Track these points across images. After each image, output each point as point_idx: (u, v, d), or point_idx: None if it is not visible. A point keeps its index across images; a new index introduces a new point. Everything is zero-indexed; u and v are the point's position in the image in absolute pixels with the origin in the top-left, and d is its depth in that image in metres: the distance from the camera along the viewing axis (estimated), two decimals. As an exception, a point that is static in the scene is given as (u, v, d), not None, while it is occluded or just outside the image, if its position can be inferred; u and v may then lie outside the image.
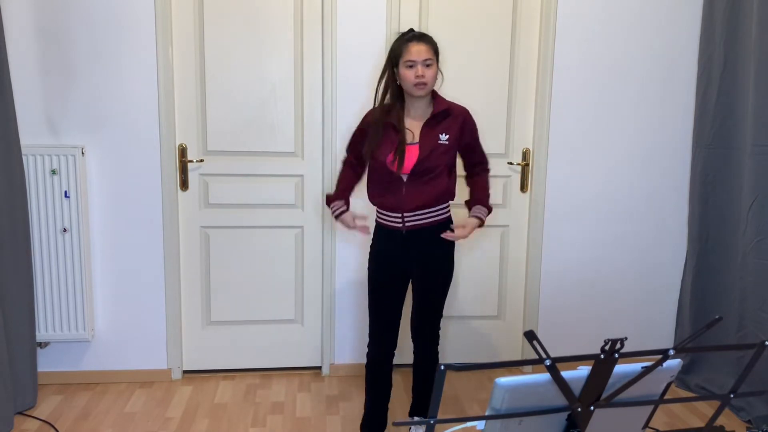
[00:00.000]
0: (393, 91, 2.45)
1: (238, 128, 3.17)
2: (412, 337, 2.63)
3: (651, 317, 3.49)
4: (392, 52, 2.42)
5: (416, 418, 2.73)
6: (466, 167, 2.63)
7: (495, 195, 3.35)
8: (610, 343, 1.19)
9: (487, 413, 1.23)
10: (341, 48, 3.12)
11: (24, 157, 2.90)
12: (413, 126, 2.44)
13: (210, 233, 3.25)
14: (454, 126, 2.44)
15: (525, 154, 3.33)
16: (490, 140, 3.31)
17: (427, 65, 2.36)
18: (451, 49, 3.22)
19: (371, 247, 2.58)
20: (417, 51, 2.35)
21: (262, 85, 3.16)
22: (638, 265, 3.44)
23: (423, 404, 2.70)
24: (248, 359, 3.36)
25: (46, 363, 3.17)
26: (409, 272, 2.54)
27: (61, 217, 3.00)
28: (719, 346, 2.40)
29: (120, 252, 3.15)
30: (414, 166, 2.40)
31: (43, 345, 3.14)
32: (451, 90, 3.24)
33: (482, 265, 3.40)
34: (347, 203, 2.58)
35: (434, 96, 2.47)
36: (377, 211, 2.53)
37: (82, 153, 3.01)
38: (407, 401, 3.09)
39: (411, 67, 2.35)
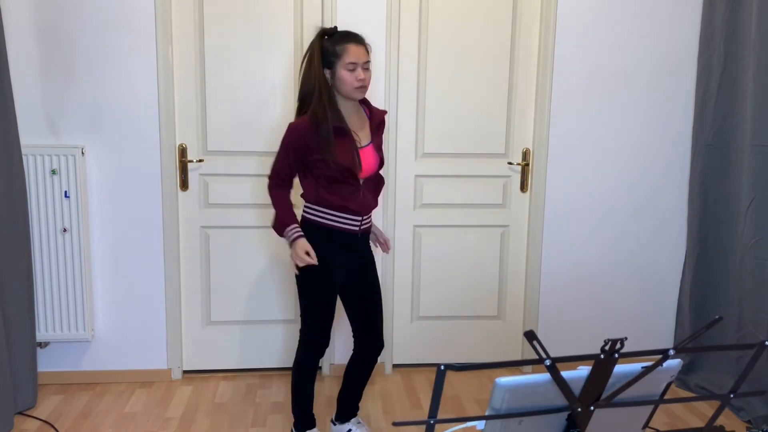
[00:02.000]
0: (325, 93, 2.29)
1: (238, 128, 3.17)
2: (366, 338, 2.56)
3: (651, 317, 3.49)
4: (326, 52, 2.28)
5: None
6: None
7: (495, 195, 3.36)
8: (610, 343, 1.19)
9: (487, 413, 1.23)
10: (341, 48, 3.12)
11: (24, 157, 2.90)
12: (355, 129, 2.38)
13: (210, 233, 3.25)
14: (381, 125, 2.50)
15: (525, 154, 3.33)
16: (490, 140, 3.32)
17: (366, 68, 2.30)
18: (451, 49, 3.22)
19: (318, 250, 2.36)
20: (357, 53, 2.27)
21: (262, 85, 3.16)
22: (638, 265, 3.44)
23: (354, 406, 2.68)
24: (248, 359, 3.37)
25: (46, 363, 3.17)
26: (349, 275, 2.48)
27: (61, 217, 3.00)
28: (719, 346, 2.40)
29: (120, 252, 3.15)
30: (376, 170, 2.44)
31: (43, 345, 3.14)
32: (451, 90, 3.25)
33: (482, 265, 3.41)
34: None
35: (363, 99, 2.43)
36: (330, 214, 2.37)
37: (82, 153, 3.01)
38: (407, 401, 3.09)
39: (352, 70, 2.27)
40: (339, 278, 2.46)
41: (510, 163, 3.34)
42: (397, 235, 3.32)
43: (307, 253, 2.33)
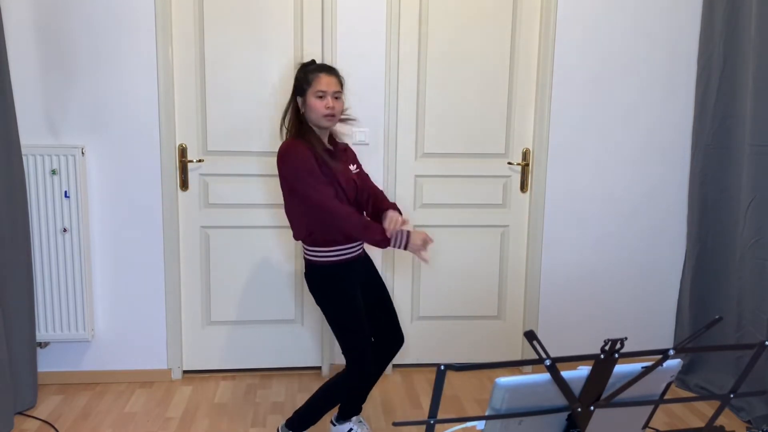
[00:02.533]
0: (295, 121, 2.38)
1: (238, 128, 3.17)
2: (387, 337, 2.57)
3: (651, 317, 3.49)
4: (298, 82, 2.38)
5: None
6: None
7: (495, 195, 3.36)
8: (610, 343, 1.19)
9: (487, 413, 1.23)
10: (341, 48, 3.12)
11: (24, 157, 2.90)
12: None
13: (210, 233, 3.25)
14: (353, 156, 2.55)
15: (525, 154, 3.33)
16: (490, 140, 3.32)
17: (336, 97, 2.35)
18: (451, 49, 3.22)
19: (340, 287, 2.39)
20: (327, 82, 2.34)
21: (262, 85, 3.16)
22: (638, 265, 3.44)
23: (358, 406, 2.66)
24: (248, 359, 3.37)
25: (46, 363, 3.17)
26: (362, 290, 2.51)
27: (61, 217, 3.00)
28: (719, 346, 2.40)
29: (120, 252, 3.16)
30: (357, 194, 2.44)
31: (43, 345, 3.14)
32: (451, 90, 3.25)
33: (482, 265, 3.41)
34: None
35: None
36: (330, 252, 2.37)
37: (82, 153, 3.01)
38: (407, 401, 3.09)
39: (321, 98, 2.32)
40: (362, 303, 2.49)
41: (510, 163, 3.34)
42: (397, 235, 3.32)
43: (425, 241, 2.31)
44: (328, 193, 2.28)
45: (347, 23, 3.12)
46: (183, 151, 3.16)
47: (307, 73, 2.36)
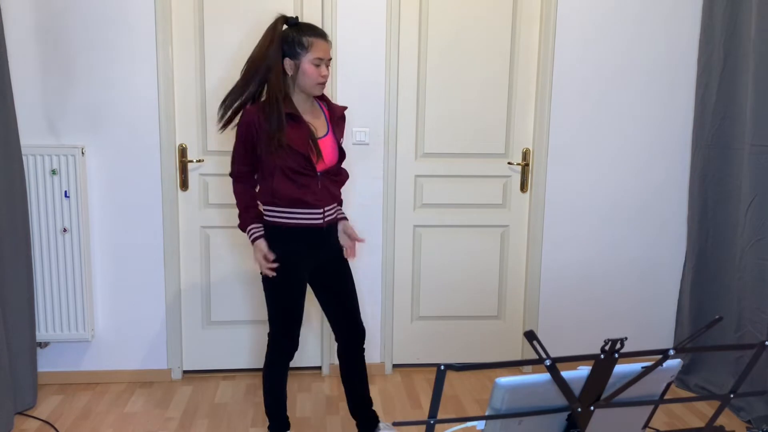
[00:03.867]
0: (281, 80, 2.25)
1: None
2: (345, 327, 2.50)
3: (651, 317, 3.49)
4: (290, 41, 2.25)
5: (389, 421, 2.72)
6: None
7: (495, 195, 3.36)
8: (610, 343, 1.19)
9: (487, 413, 1.23)
10: (341, 47, 3.12)
11: (24, 157, 2.90)
12: (308, 119, 2.32)
13: (210, 233, 3.25)
14: (342, 118, 2.48)
15: (525, 154, 3.33)
16: (490, 140, 3.32)
17: (328, 65, 2.30)
18: (451, 49, 3.22)
19: (279, 251, 2.34)
20: (325, 49, 2.27)
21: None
22: (638, 265, 3.44)
23: (370, 413, 2.61)
24: (248, 359, 3.36)
25: (46, 363, 3.17)
26: (318, 268, 2.44)
27: (61, 217, 3.00)
28: (719, 346, 2.40)
29: (120, 252, 3.15)
30: (335, 161, 2.40)
31: (43, 345, 3.14)
32: (451, 90, 3.25)
33: (482, 265, 3.41)
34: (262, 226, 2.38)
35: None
36: (285, 212, 2.32)
37: (82, 153, 3.01)
38: (407, 401, 3.09)
39: (317, 65, 2.25)
40: (306, 277, 2.42)
41: (510, 163, 3.34)
42: (397, 235, 3.32)
43: (266, 258, 2.32)
44: (238, 170, 2.37)
45: (347, 23, 3.12)
46: (183, 151, 3.16)
47: (302, 36, 2.25)
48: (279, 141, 2.21)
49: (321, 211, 2.36)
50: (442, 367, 1.13)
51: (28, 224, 2.90)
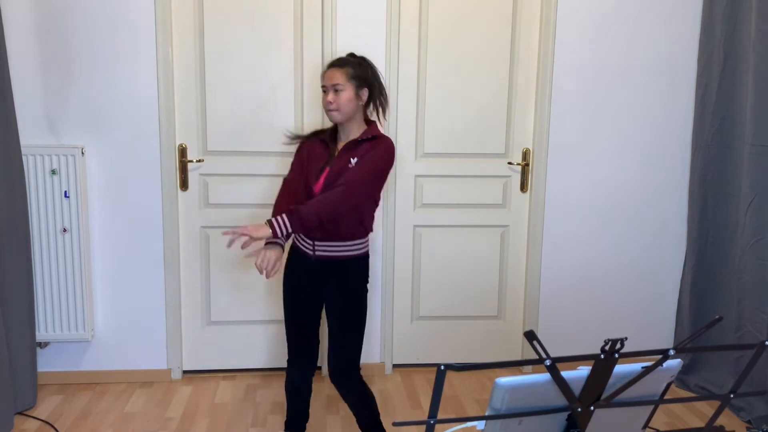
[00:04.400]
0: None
1: (238, 128, 3.17)
2: (335, 386, 2.42)
3: (651, 317, 3.49)
4: None
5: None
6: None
7: (495, 195, 3.36)
8: (610, 343, 1.19)
9: (487, 413, 1.23)
10: (341, 48, 3.12)
11: (24, 157, 2.90)
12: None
13: (210, 233, 3.25)
14: (367, 150, 2.29)
15: (525, 154, 3.33)
16: (490, 140, 3.32)
17: (337, 90, 2.27)
18: (451, 49, 3.22)
19: (285, 269, 2.42)
20: (329, 76, 2.30)
21: (262, 85, 3.16)
22: (638, 265, 3.44)
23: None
24: (248, 359, 3.36)
25: (46, 363, 3.17)
26: (321, 300, 2.40)
27: (61, 217, 3.00)
28: (719, 346, 2.40)
29: (120, 252, 3.15)
30: (321, 189, 2.29)
31: (43, 345, 3.14)
32: (451, 90, 3.25)
33: (482, 265, 3.41)
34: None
35: (369, 124, 2.39)
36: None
37: (82, 153, 3.01)
38: (407, 401, 3.09)
39: (324, 92, 2.32)
40: (310, 296, 2.39)
41: (510, 163, 3.34)
42: (397, 235, 3.32)
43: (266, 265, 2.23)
44: (284, 181, 2.47)
45: (347, 23, 3.12)
46: (183, 151, 3.16)
47: (323, 71, 2.38)
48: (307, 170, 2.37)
49: (311, 242, 2.31)
50: (442, 367, 1.13)
51: (28, 224, 2.90)
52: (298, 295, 2.40)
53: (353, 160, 2.28)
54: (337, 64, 2.34)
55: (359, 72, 2.32)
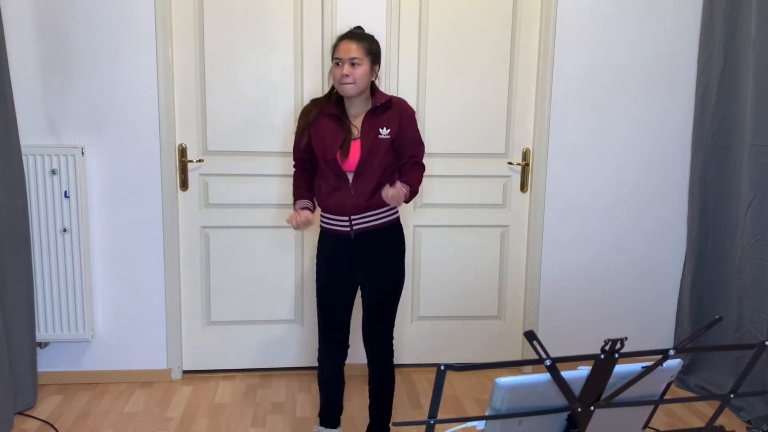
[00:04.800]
0: (331, 90, 2.42)
1: (238, 128, 3.17)
2: (366, 351, 2.50)
3: (651, 317, 3.49)
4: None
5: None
6: (400, 160, 2.43)
7: (495, 195, 3.36)
8: (610, 343, 1.19)
9: (487, 413, 1.23)
10: (341, 48, 3.12)
11: (24, 157, 2.90)
12: (355, 122, 2.36)
13: (210, 233, 3.25)
14: (395, 118, 2.35)
15: (525, 154, 3.33)
16: (490, 140, 3.32)
17: (354, 64, 2.27)
18: (451, 49, 3.22)
19: (317, 258, 2.47)
20: (345, 49, 2.28)
21: (262, 85, 3.16)
22: (638, 265, 3.44)
23: (382, 425, 2.54)
24: (248, 359, 3.36)
25: (46, 363, 3.17)
26: (357, 279, 2.44)
27: (61, 217, 3.00)
28: (719, 346, 2.40)
29: (120, 252, 3.15)
30: (358, 163, 2.30)
31: (43, 345, 3.14)
32: (451, 90, 3.25)
33: (482, 265, 3.40)
34: (313, 204, 2.45)
35: (373, 92, 2.40)
36: (322, 215, 2.42)
37: (82, 153, 3.01)
38: (408, 401, 3.09)
39: (338, 64, 2.29)
40: (347, 284, 2.43)
41: (510, 163, 3.34)
42: (397, 235, 3.32)
43: (298, 217, 2.35)
44: (294, 155, 2.49)
45: (347, 23, 3.11)
46: (183, 151, 3.16)
47: (335, 41, 2.36)
48: (304, 136, 2.39)
49: (347, 218, 2.35)
50: (442, 367, 1.13)
51: (28, 224, 2.90)
52: (334, 279, 2.42)
53: (383, 131, 2.33)
54: (354, 37, 2.32)
55: (374, 47, 2.35)
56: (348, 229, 2.35)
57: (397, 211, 2.44)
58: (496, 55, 3.24)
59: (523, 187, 3.36)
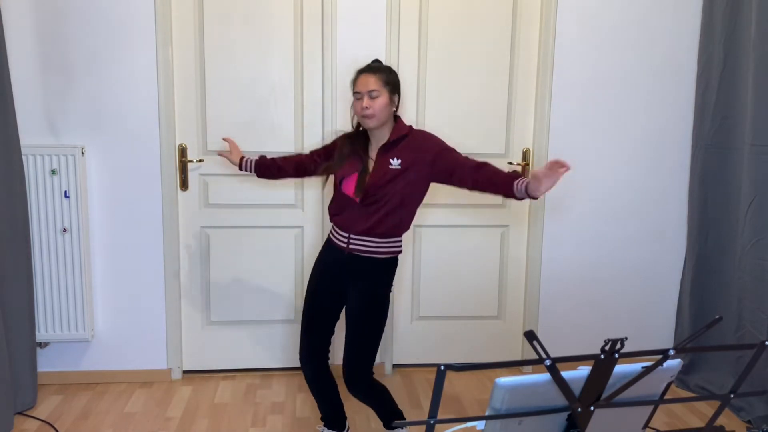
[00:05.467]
0: (352, 122, 2.49)
1: (238, 128, 3.17)
2: (345, 382, 2.41)
3: (651, 317, 3.49)
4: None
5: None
6: (467, 184, 2.33)
7: (494, 195, 3.35)
8: (610, 343, 1.19)
9: (487, 413, 1.23)
10: (341, 48, 3.12)
11: (24, 157, 2.90)
12: (374, 154, 2.39)
13: (210, 233, 3.25)
14: (407, 150, 2.32)
15: (525, 154, 3.33)
16: (490, 140, 3.32)
17: (373, 96, 2.30)
18: (451, 49, 3.22)
19: (317, 257, 2.51)
20: (363, 82, 2.32)
21: (262, 85, 3.16)
22: (638, 265, 3.44)
23: (390, 418, 2.51)
24: (248, 359, 3.37)
25: (46, 363, 3.17)
26: (343, 294, 2.44)
27: (61, 217, 3.00)
28: (719, 346, 2.39)
29: (120, 252, 3.15)
30: (364, 195, 2.31)
31: (43, 345, 3.14)
32: (451, 90, 3.25)
33: (482, 265, 3.41)
34: (256, 164, 2.62)
35: (396, 122, 2.40)
36: (332, 227, 2.47)
37: (82, 153, 3.01)
38: (408, 400, 3.09)
39: (358, 99, 2.34)
40: (330, 291, 2.44)
41: (510, 163, 3.34)
42: (397, 235, 3.32)
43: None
44: (312, 151, 2.61)
45: (347, 24, 3.12)
46: (183, 151, 3.16)
47: (353, 78, 2.39)
48: (333, 169, 2.45)
49: (347, 235, 2.37)
50: (442, 367, 1.13)
51: (28, 224, 2.90)
52: (322, 286, 2.47)
53: (394, 161, 2.31)
54: (370, 70, 2.36)
55: (391, 78, 2.36)
56: (345, 245, 2.37)
57: (399, 248, 2.39)
58: (496, 55, 3.24)
59: (523, 187, 3.35)
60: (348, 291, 2.42)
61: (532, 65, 3.27)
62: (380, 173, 2.32)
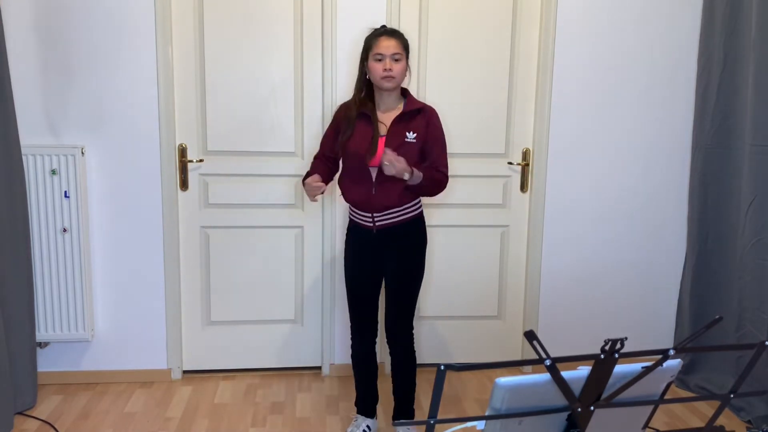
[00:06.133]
0: (362, 85, 2.51)
1: (238, 128, 3.17)
2: (387, 339, 2.67)
3: (651, 317, 3.49)
4: (364, 46, 2.48)
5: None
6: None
7: (495, 195, 3.36)
8: (610, 343, 1.19)
9: (487, 413, 1.23)
10: (341, 47, 3.12)
11: (24, 157, 2.90)
12: (383, 119, 2.48)
13: (210, 233, 3.25)
14: (422, 126, 2.47)
15: (525, 154, 3.33)
16: (490, 140, 3.32)
17: (396, 59, 2.40)
18: (451, 49, 3.22)
19: (345, 244, 2.64)
20: (386, 45, 2.40)
21: (262, 85, 3.16)
22: (638, 265, 3.44)
23: (406, 407, 2.72)
24: (248, 359, 3.36)
25: (46, 363, 3.17)
26: (381, 268, 2.59)
27: (61, 217, 3.00)
28: (719, 346, 2.40)
29: (120, 252, 3.15)
30: (379, 170, 2.39)
31: (43, 345, 3.14)
32: (451, 90, 3.25)
33: (482, 265, 3.40)
34: (324, 180, 2.51)
35: (405, 94, 2.53)
36: (350, 207, 2.58)
37: (82, 153, 3.01)
38: (407, 401, 3.09)
39: (380, 60, 2.40)
40: (372, 270, 2.57)
41: (510, 163, 3.34)
42: (397, 235, 3.32)
43: (312, 183, 2.44)
44: (319, 152, 2.64)
45: (347, 23, 3.12)
46: (183, 151, 3.16)
47: (370, 39, 2.45)
48: (343, 138, 2.48)
49: (370, 215, 2.48)
50: (442, 367, 1.13)
51: (28, 224, 2.90)
52: (361, 269, 2.59)
53: (410, 135, 2.44)
54: (393, 34, 2.44)
55: (408, 43, 2.48)
56: (371, 224, 2.49)
57: (420, 207, 2.55)
58: (496, 55, 3.24)
59: (523, 187, 3.35)
60: (384, 259, 2.55)
61: (532, 65, 3.27)
62: (396, 143, 2.41)
